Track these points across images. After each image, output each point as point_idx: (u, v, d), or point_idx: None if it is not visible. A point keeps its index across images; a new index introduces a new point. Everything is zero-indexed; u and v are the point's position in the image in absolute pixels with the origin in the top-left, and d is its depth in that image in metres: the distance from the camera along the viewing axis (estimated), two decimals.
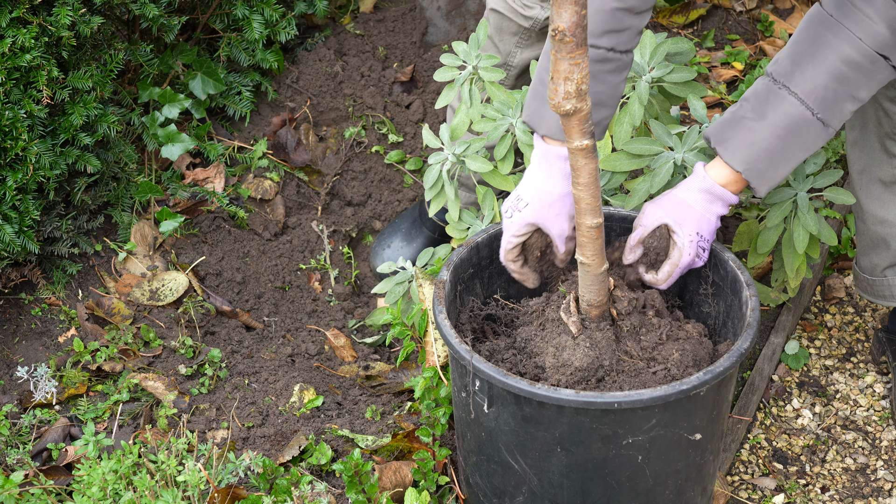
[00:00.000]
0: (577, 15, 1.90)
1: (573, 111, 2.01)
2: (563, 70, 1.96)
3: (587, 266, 2.26)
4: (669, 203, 2.39)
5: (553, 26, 1.91)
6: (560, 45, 1.93)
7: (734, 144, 2.32)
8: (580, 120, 2.03)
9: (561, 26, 1.91)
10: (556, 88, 1.98)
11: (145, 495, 2.37)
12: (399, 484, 2.52)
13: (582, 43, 1.93)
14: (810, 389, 2.99)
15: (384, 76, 3.68)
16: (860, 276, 2.87)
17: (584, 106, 2.00)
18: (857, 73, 2.23)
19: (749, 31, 3.90)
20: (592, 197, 2.16)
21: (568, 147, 2.10)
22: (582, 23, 1.91)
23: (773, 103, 2.28)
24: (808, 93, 2.25)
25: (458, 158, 2.69)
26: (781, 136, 2.29)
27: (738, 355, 2.24)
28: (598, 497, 2.29)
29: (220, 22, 3.47)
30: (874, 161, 2.69)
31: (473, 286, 2.51)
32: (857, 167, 2.75)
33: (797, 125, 2.28)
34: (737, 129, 2.32)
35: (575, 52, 1.94)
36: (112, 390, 2.88)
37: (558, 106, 2.00)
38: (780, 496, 2.74)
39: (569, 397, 2.15)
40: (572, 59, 1.95)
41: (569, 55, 1.94)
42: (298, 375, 2.96)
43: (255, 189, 3.41)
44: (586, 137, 2.06)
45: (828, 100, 2.25)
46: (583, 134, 2.05)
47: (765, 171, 2.32)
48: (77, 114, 2.99)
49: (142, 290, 3.14)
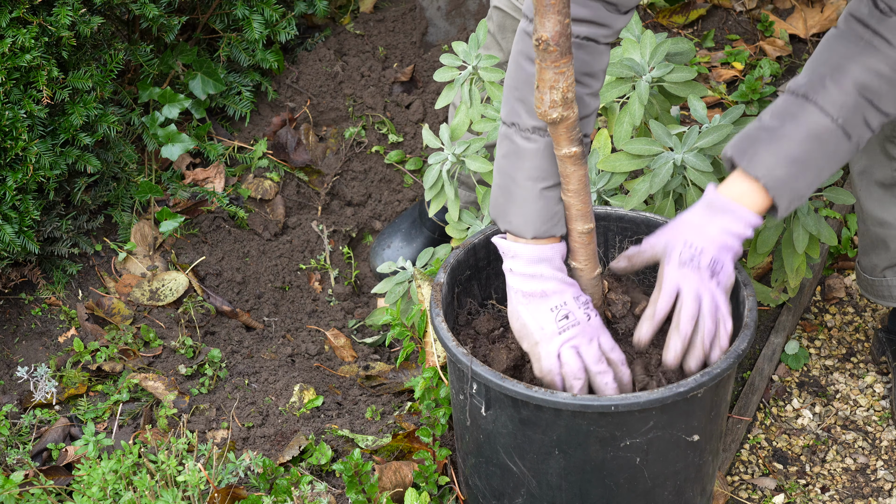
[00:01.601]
0: (560, 24, 1.91)
1: (560, 119, 2.02)
2: (549, 79, 1.97)
3: (580, 271, 2.26)
4: (671, 226, 2.27)
5: (536, 36, 1.92)
6: (544, 54, 1.94)
7: (751, 152, 2.19)
8: (567, 128, 2.04)
9: (545, 36, 1.92)
10: (542, 97, 1.99)
11: (145, 495, 2.37)
12: (399, 484, 2.52)
13: (566, 52, 1.94)
14: (810, 389, 2.99)
15: (384, 76, 3.68)
16: (861, 276, 2.87)
17: (570, 114, 2.01)
18: (881, 83, 2.14)
19: (749, 31, 3.90)
20: (583, 203, 2.17)
21: (557, 155, 2.10)
22: (566, 32, 1.92)
23: (793, 112, 2.19)
24: (827, 100, 2.16)
25: (458, 158, 2.69)
26: (801, 142, 2.17)
27: (736, 356, 2.23)
28: (597, 499, 2.29)
29: (220, 22, 3.47)
30: (874, 163, 2.69)
31: (471, 288, 2.51)
32: (857, 168, 2.74)
33: (817, 132, 2.17)
34: (755, 138, 2.21)
35: (559, 60, 1.95)
36: (112, 390, 2.88)
37: (545, 114, 2.01)
38: (780, 496, 2.74)
39: (565, 400, 2.15)
40: (557, 68, 1.96)
41: (553, 64, 1.95)
42: (298, 375, 2.96)
43: (255, 189, 3.41)
44: (574, 144, 2.07)
45: (848, 107, 2.16)
46: (570, 141, 2.06)
47: (785, 180, 2.18)
48: (77, 114, 2.99)
49: (142, 290, 3.14)
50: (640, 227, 2.52)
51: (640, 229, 2.52)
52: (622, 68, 2.58)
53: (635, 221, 2.52)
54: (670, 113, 2.70)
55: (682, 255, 2.22)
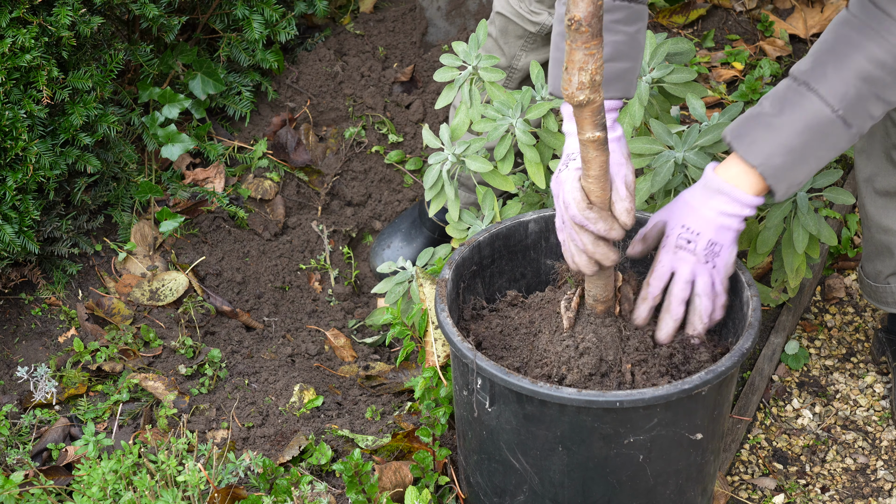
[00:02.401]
0: (593, 5, 1.88)
1: (586, 101, 1.99)
2: (578, 60, 1.95)
3: None
4: (672, 205, 2.33)
5: (569, 16, 1.89)
6: (576, 34, 1.91)
7: (749, 139, 2.21)
8: (593, 111, 2.02)
9: (577, 16, 1.89)
10: (570, 78, 1.97)
11: (145, 495, 2.37)
12: (399, 484, 2.52)
13: (597, 33, 1.91)
14: (810, 389, 2.99)
15: (384, 76, 3.68)
16: (864, 282, 2.86)
17: (597, 97, 1.99)
18: (884, 72, 2.13)
19: (749, 31, 3.90)
20: (602, 190, 2.15)
21: (579, 138, 2.07)
22: (598, 13, 1.89)
23: (793, 100, 2.19)
24: (828, 90, 2.16)
25: (458, 158, 2.69)
26: (801, 132, 2.18)
27: (740, 355, 2.24)
28: (599, 496, 2.29)
29: (220, 22, 3.47)
30: (879, 171, 2.68)
31: (475, 285, 2.51)
32: (863, 175, 2.73)
33: (817, 123, 2.18)
34: (753, 124, 2.22)
35: (590, 42, 1.92)
36: (112, 390, 2.88)
37: (572, 96, 1.98)
38: (780, 496, 2.74)
39: (570, 396, 2.15)
40: (587, 49, 1.93)
41: (584, 45, 1.93)
42: (298, 375, 2.96)
43: (255, 189, 3.41)
44: (598, 129, 2.05)
45: (849, 97, 2.15)
46: (595, 125, 2.04)
47: (783, 169, 2.20)
48: (77, 114, 2.99)
49: (142, 290, 3.14)
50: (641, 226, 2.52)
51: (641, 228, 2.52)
52: None
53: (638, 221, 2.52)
54: (670, 113, 2.71)
55: (679, 239, 2.27)
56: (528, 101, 2.65)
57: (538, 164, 2.65)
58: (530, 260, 2.58)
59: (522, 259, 2.57)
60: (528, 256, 2.57)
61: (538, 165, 2.65)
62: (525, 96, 2.64)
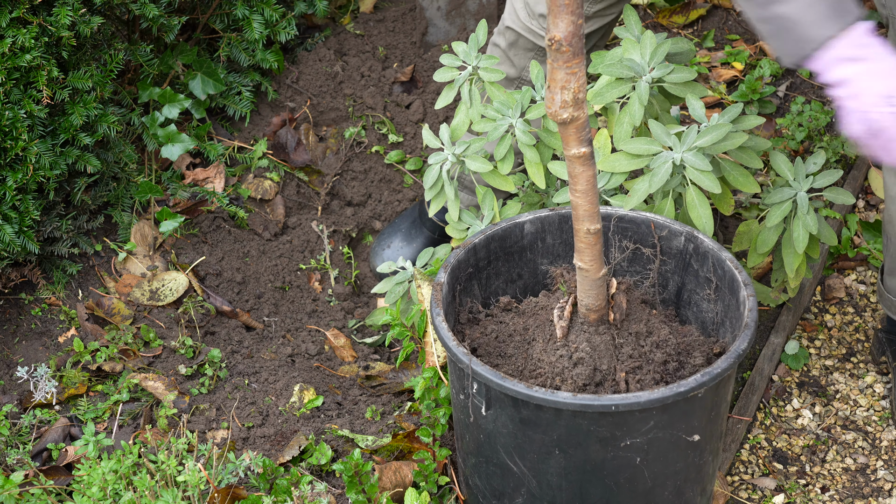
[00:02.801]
0: (573, 25, 1.91)
1: (570, 120, 2.02)
2: (560, 79, 1.98)
3: (585, 271, 2.26)
4: None
5: (549, 36, 1.92)
6: (556, 54, 1.94)
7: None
8: (577, 128, 2.04)
9: (557, 36, 1.92)
10: (553, 97, 2.00)
11: (145, 495, 2.37)
12: (399, 484, 2.52)
13: (578, 52, 1.94)
14: (810, 389, 2.99)
15: (384, 76, 3.68)
16: (884, 295, 2.86)
17: (580, 114, 2.02)
18: None
19: (749, 31, 3.90)
20: (590, 203, 2.17)
21: (566, 154, 2.11)
22: (578, 32, 1.92)
23: None
24: None
25: (458, 158, 2.69)
26: None
27: (736, 356, 2.24)
28: (597, 499, 2.29)
29: (220, 22, 3.47)
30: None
31: (471, 287, 2.51)
32: (891, 193, 2.72)
33: None
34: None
35: (571, 61, 1.95)
36: (112, 390, 2.88)
37: (555, 115, 2.02)
38: (780, 496, 2.74)
39: (566, 400, 2.15)
40: (569, 68, 1.96)
41: (565, 64, 1.96)
42: (298, 375, 2.96)
43: (255, 189, 3.41)
44: (583, 145, 2.08)
45: None
46: (580, 141, 2.07)
47: None
48: (77, 114, 2.99)
49: (142, 290, 3.14)
50: (640, 226, 2.52)
51: (640, 229, 2.52)
52: (622, 69, 2.58)
53: (635, 221, 2.52)
54: (670, 113, 2.71)
55: None
56: (527, 101, 2.65)
57: (538, 164, 2.65)
58: (527, 261, 2.58)
59: (519, 260, 2.57)
60: (525, 257, 2.57)
61: (538, 165, 2.65)
62: (525, 96, 2.65)
